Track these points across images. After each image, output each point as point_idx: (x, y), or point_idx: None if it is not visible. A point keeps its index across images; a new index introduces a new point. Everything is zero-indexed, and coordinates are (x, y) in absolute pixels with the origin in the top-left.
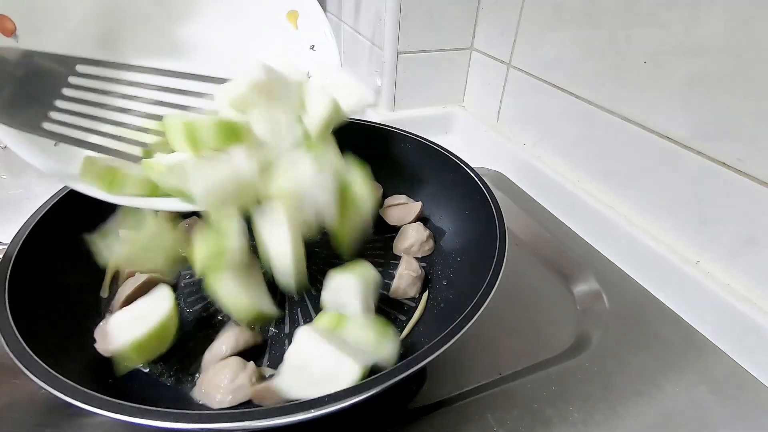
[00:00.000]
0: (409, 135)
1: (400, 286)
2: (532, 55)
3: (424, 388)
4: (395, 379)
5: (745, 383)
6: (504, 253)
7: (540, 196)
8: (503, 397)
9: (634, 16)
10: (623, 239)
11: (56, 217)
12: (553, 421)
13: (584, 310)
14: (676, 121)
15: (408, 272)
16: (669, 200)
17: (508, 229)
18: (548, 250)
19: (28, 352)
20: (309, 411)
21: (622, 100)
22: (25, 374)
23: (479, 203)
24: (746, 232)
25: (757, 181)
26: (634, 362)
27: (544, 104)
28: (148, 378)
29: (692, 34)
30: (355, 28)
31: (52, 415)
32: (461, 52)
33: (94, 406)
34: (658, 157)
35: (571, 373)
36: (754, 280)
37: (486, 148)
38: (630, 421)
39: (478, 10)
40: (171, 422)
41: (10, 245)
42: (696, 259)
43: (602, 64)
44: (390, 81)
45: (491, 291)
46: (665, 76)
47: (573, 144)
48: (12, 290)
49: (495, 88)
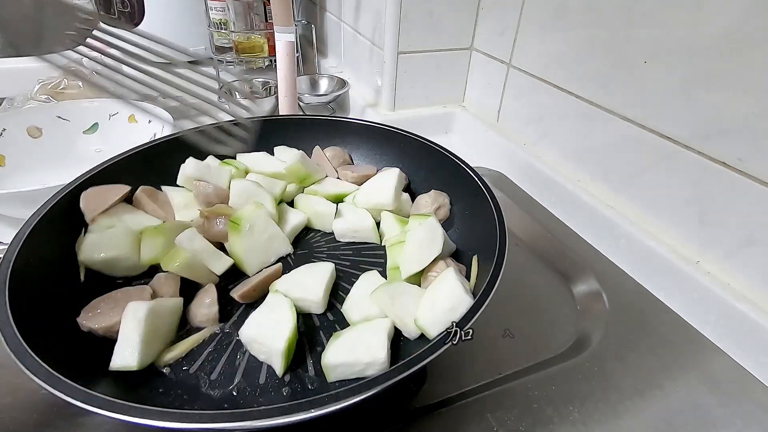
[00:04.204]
0: (410, 135)
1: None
2: (532, 55)
3: (424, 388)
4: (395, 379)
5: (745, 383)
6: (504, 253)
7: (540, 196)
8: (503, 397)
9: (634, 16)
10: (623, 239)
11: (56, 218)
12: (553, 421)
13: (584, 310)
14: (676, 121)
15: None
16: (669, 200)
17: (509, 229)
18: (548, 250)
19: (28, 352)
20: (309, 411)
21: (622, 100)
22: (25, 374)
23: (479, 203)
24: (746, 232)
25: (757, 181)
26: (634, 362)
27: (544, 104)
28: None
29: (692, 34)
30: (355, 28)
31: (52, 415)
32: (461, 52)
33: (94, 406)
34: (658, 157)
35: (571, 373)
36: (754, 280)
37: (486, 148)
38: (630, 421)
39: (478, 10)
40: (171, 422)
41: (10, 245)
42: (696, 259)
43: (602, 64)
44: (390, 81)
45: (491, 291)
46: (665, 76)
47: (573, 144)
48: (12, 290)
49: (495, 88)
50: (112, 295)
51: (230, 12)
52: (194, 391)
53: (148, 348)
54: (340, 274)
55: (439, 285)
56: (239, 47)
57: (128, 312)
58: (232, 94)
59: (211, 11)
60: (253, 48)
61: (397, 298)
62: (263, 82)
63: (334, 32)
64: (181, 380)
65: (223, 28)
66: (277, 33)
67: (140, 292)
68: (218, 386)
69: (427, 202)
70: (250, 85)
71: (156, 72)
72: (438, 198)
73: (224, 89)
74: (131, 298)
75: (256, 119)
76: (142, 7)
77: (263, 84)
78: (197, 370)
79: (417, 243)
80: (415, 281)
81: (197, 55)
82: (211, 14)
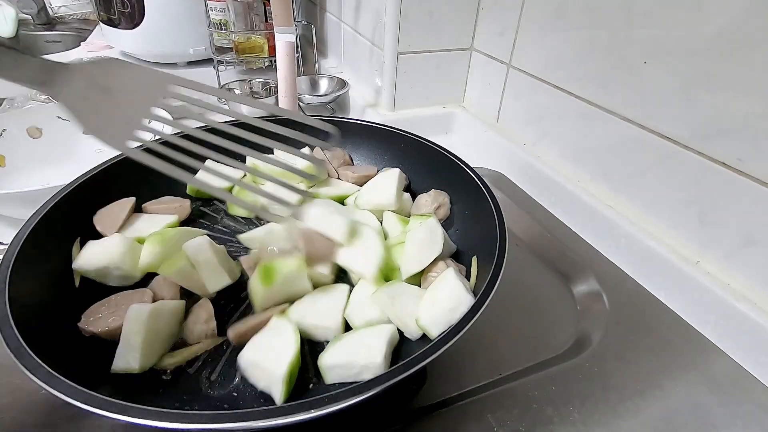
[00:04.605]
0: (410, 135)
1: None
2: (532, 55)
3: (425, 388)
4: (395, 380)
5: (745, 383)
6: (504, 253)
7: (540, 196)
8: (503, 397)
9: (634, 16)
10: (623, 239)
11: (56, 218)
12: (553, 421)
13: (584, 310)
14: (676, 121)
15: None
16: (669, 200)
17: (508, 229)
18: (548, 250)
19: (28, 352)
20: (309, 411)
21: (622, 100)
22: (25, 374)
23: (479, 203)
24: (746, 232)
25: (757, 181)
26: (634, 362)
27: (544, 104)
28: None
29: (692, 34)
30: (355, 28)
31: (52, 415)
32: (461, 52)
33: (94, 406)
34: (658, 157)
35: (571, 373)
36: (754, 280)
37: (486, 148)
38: (630, 421)
39: (478, 10)
40: (171, 422)
41: (10, 245)
42: (696, 259)
43: (602, 64)
44: (390, 81)
45: (491, 291)
46: (665, 76)
47: (573, 144)
48: (12, 290)
49: (495, 88)
50: (113, 299)
51: (230, 12)
52: (194, 392)
53: (150, 351)
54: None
55: (440, 285)
56: (239, 47)
57: (130, 315)
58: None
59: (211, 11)
60: (253, 48)
61: (397, 299)
62: (263, 82)
63: (334, 32)
64: (181, 381)
65: (223, 29)
66: (277, 33)
67: (141, 295)
68: (218, 387)
69: (427, 202)
70: (250, 86)
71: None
72: (438, 197)
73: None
74: (132, 301)
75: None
76: (142, 7)
77: (263, 84)
78: (197, 371)
79: (417, 243)
80: (415, 282)
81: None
82: (211, 14)
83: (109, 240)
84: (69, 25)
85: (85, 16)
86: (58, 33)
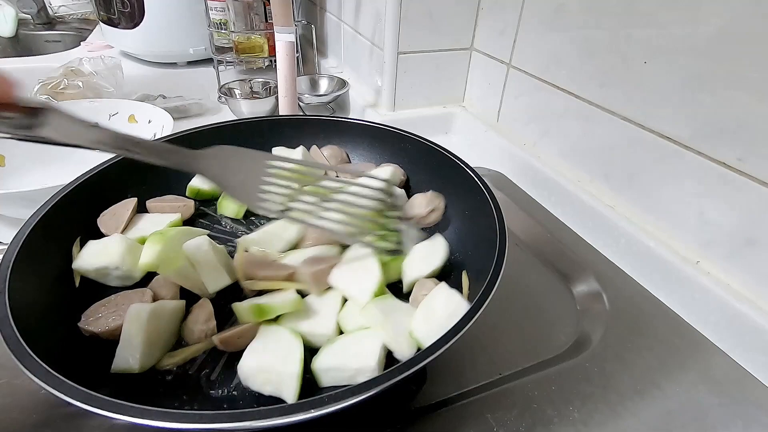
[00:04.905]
0: (409, 135)
1: None
2: (532, 55)
3: (424, 388)
4: (395, 380)
5: (745, 383)
6: (504, 253)
7: (540, 196)
8: (503, 397)
9: (634, 16)
10: (623, 239)
11: (56, 218)
12: (553, 421)
13: (584, 310)
14: (676, 121)
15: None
16: (669, 200)
17: (508, 229)
18: (548, 250)
19: (28, 352)
20: (309, 411)
21: (622, 100)
22: (25, 374)
23: (479, 203)
24: (746, 232)
25: (757, 181)
26: (634, 362)
27: (544, 104)
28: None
29: (692, 34)
30: (355, 28)
31: (52, 415)
32: (461, 52)
33: (94, 406)
34: (658, 157)
35: (571, 373)
36: (754, 280)
37: (486, 148)
38: (630, 421)
39: (478, 10)
40: (171, 422)
41: (10, 245)
42: (696, 259)
43: (602, 64)
44: (390, 81)
45: (491, 291)
46: (665, 76)
47: (573, 144)
48: (12, 290)
49: (495, 88)
50: (112, 299)
51: (230, 12)
52: (194, 392)
53: (150, 351)
54: None
55: (434, 297)
56: (239, 47)
57: (130, 314)
58: (231, 94)
59: (211, 11)
60: (253, 48)
61: (389, 314)
62: (263, 82)
63: (334, 32)
64: (181, 381)
65: (223, 29)
66: (277, 33)
67: (141, 295)
68: (218, 387)
69: (421, 203)
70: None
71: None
72: (434, 200)
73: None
74: (132, 301)
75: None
76: (142, 7)
77: (263, 84)
78: (197, 370)
79: (420, 254)
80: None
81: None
82: (211, 14)
83: (109, 240)
84: (69, 25)
85: (85, 16)
86: (58, 33)
